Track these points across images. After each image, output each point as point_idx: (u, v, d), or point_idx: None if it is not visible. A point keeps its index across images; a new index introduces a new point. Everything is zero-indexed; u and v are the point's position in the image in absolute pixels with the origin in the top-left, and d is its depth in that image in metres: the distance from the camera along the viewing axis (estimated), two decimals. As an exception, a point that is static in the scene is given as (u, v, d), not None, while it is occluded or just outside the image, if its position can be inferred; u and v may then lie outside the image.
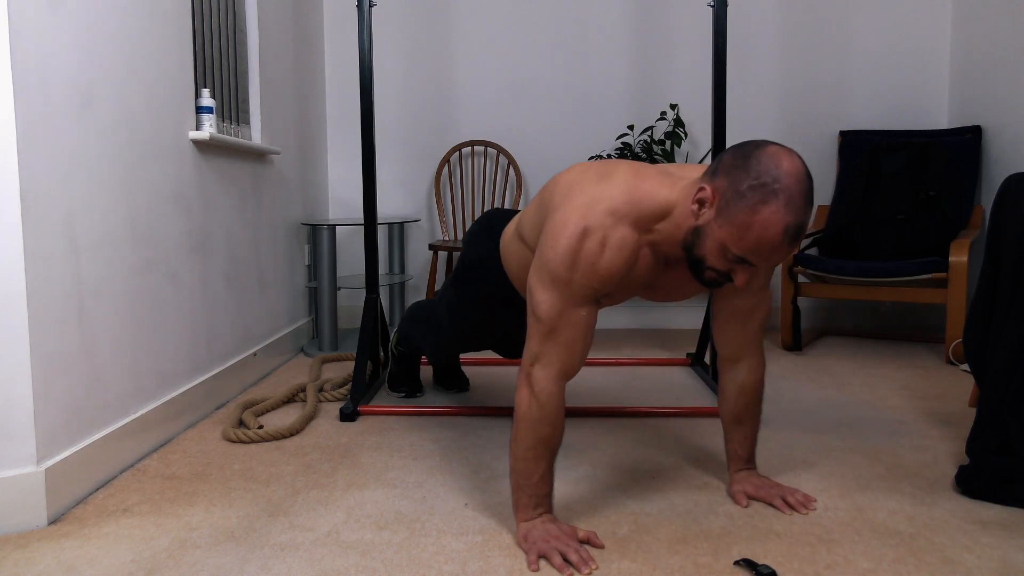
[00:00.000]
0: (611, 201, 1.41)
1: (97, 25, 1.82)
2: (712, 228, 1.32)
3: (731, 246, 1.30)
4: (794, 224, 1.26)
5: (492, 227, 1.92)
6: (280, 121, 3.18)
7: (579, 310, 1.44)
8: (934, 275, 3.04)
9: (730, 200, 1.29)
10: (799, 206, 1.26)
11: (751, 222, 1.26)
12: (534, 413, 1.46)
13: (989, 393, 1.74)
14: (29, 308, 1.57)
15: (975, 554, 1.45)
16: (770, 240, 1.26)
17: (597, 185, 1.44)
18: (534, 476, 1.49)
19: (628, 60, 3.84)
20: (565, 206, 1.44)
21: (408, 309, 2.46)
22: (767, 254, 1.29)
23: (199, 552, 1.48)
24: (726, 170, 1.31)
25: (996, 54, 3.34)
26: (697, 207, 1.34)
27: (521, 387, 1.49)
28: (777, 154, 1.28)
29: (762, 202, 1.25)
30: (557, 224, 1.42)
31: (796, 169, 1.27)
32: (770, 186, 1.25)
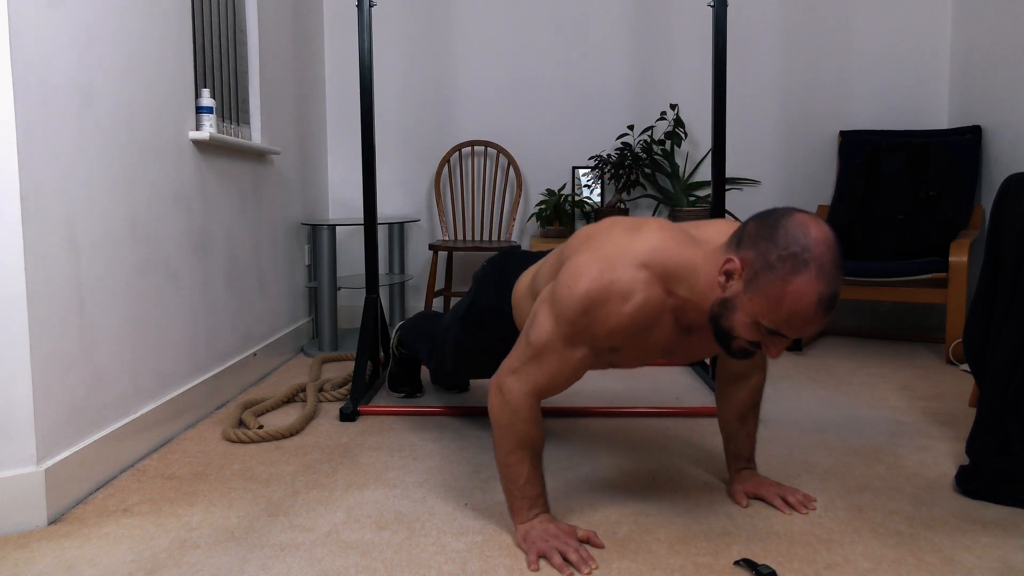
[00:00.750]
0: (641, 254, 1.36)
1: (97, 25, 1.82)
2: (742, 300, 1.27)
3: (763, 319, 1.26)
4: (828, 294, 1.22)
5: (506, 272, 1.84)
6: (280, 121, 3.18)
7: (574, 351, 1.42)
8: (934, 275, 3.04)
9: (759, 271, 1.24)
10: (832, 275, 1.22)
11: (783, 294, 1.22)
12: (506, 418, 1.47)
13: (989, 393, 1.74)
14: (29, 308, 1.57)
15: (975, 554, 1.45)
16: (804, 311, 1.22)
17: (626, 236, 1.40)
18: (520, 479, 1.49)
19: (628, 60, 3.84)
20: (589, 251, 1.39)
21: (414, 318, 2.42)
22: (801, 325, 1.24)
23: (199, 552, 1.48)
24: (752, 240, 1.27)
25: (996, 54, 3.34)
26: (724, 279, 1.30)
27: (492, 394, 1.50)
28: (805, 222, 1.24)
29: (793, 272, 1.21)
30: (580, 266, 1.37)
31: (825, 236, 1.23)
32: (800, 256, 1.21)
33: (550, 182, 3.90)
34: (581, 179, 3.82)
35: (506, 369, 1.49)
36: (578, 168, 3.83)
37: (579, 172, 3.83)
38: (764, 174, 3.86)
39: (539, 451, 1.50)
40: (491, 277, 1.87)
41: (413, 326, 2.38)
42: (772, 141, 3.84)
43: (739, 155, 3.86)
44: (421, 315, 2.40)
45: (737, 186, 3.87)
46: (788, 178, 3.85)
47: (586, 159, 3.88)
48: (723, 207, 2.61)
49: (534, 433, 1.48)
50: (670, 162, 3.69)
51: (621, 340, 1.39)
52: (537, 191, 3.91)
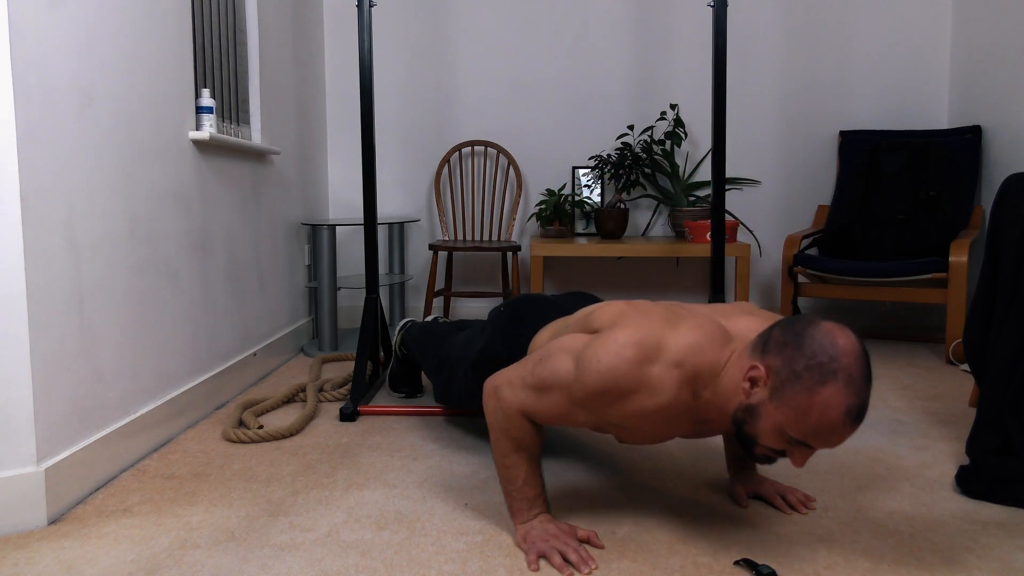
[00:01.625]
0: (677, 352, 1.33)
1: (97, 25, 1.82)
2: (767, 409, 1.25)
3: (789, 429, 1.23)
4: (856, 405, 1.19)
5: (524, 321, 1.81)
6: (280, 121, 3.18)
7: (578, 411, 1.41)
8: (934, 275, 3.04)
9: (786, 381, 1.22)
10: (860, 386, 1.19)
11: (810, 404, 1.19)
12: (501, 422, 1.48)
13: (989, 393, 1.74)
14: (29, 308, 1.57)
15: (975, 554, 1.45)
16: (831, 423, 1.19)
17: (664, 328, 1.37)
18: (517, 481, 1.50)
19: (628, 60, 3.84)
20: (627, 329, 1.35)
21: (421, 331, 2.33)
22: (828, 436, 1.21)
23: (199, 552, 1.48)
24: (778, 347, 1.25)
25: (996, 54, 3.34)
26: (749, 385, 1.28)
27: (488, 395, 1.51)
28: (832, 331, 1.23)
29: (821, 383, 1.19)
30: (616, 342, 1.34)
31: (853, 347, 1.21)
32: (828, 366, 1.19)
33: (550, 182, 3.90)
34: (581, 179, 3.82)
35: (504, 380, 1.49)
36: (578, 168, 3.83)
37: (579, 172, 3.83)
38: (764, 174, 3.86)
39: (536, 453, 1.50)
40: (506, 325, 1.84)
41: (419, 339, 2.30)
42: (772, 141, 3.84)
43: (739, 155, 3.86)
44: (427, 327, 2.33)
45: (737, 186, 3.87)
46: (788, 178, 3.85)
47: (586, 159, 3.88)
48: (723, 207, 2.61)
49: (530, 437, 1.48)
50: (670, 162, 3.69)
51: (631, 424, 1.38)
52: (537, 191, 3.91)
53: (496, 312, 1.91)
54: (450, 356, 2.03)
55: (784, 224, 3.88)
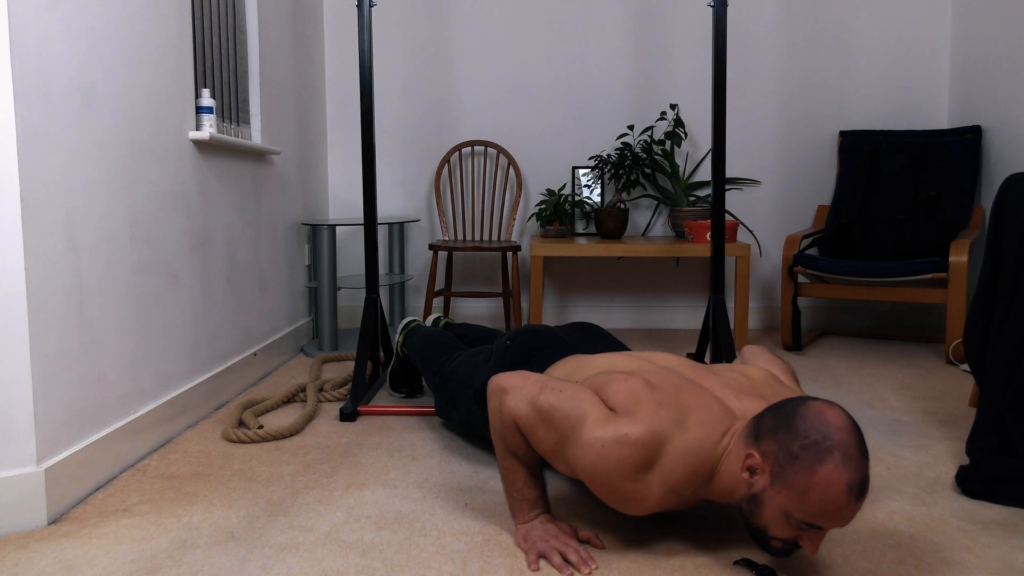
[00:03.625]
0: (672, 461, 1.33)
1: (97, 25, 1.82)
2: (770, 495, 1.25)
3: (795, 512, 1.23)
4: (856, 479, 1.19)
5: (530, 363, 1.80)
6: (280, 121, 3.18)
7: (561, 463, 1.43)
8: (934, 275, 3.04)
9: (784, 464, 1.22)
10: (856, 460, 1.19)
11: (811, 483, 1.19)
12: (499, 427, 1.50)
13: (989, 393, 1.74)
14: (29, 308, 1.57)
15: (975, 554, 1.45)
16: (834, 500, 1.19)
17: (673, 428, 1.35)
18: (517, 482, 1.50)
19: (628, 60, 3.84)
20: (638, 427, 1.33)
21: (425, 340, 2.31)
22: (833, 515, 1.20)
23: (199, 552, 1.48)
24: (771, 432, 1.26)
25: (996, 54, 3.34)
26: (748, 475, 1.28)
27: (492, 395, 1.51)
28: (820, 409, 1.23)
29: (818, 461, 1.19)
30: (626, 440, 1.33)
31: (844, 422, 1.22)
32: (822, 444, 1.19)
33: (550, 182, 3.90)
34: (581, 179, 3.82)
35: (513, 386, 1.49)
36: (578, 168, 3.83)
37: (579, 172, 3.83)
38: (764, 174, 3.86)
39: (535, 460, 1.51)
40: (513, 356, 1.84)
41: (421, 353, 2.28)
42: (772, 141, 3.84)
43: (739, 155, 3.86)
44: (430, 340, 2.30)
45: (737, 186, 3.87)
46: (788, 178, 3.85)
47: (586, 159, 3.88)
48: (723, 207, 2.61)
49: (524, 449, 1.49)
50: (670, 162, 3.69)
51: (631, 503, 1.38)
52: (537, 191, 3.91)
53: (502, 346, 1.90)
54: (453, 378, 2.03)
55: (784, 224, 3.88)
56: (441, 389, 2.09)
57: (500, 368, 1.85)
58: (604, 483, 1.35)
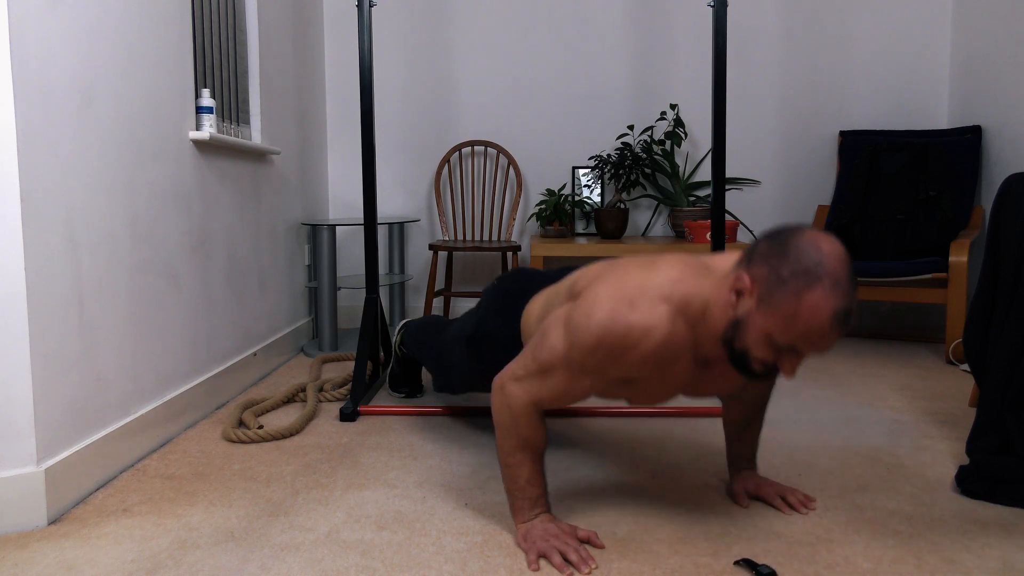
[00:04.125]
0: (661, 288, 1.34)
1: (97, 25, 1.82)
2: (754, 318, 1.26)
3: (778, 335, 1.24)
4: (843, 308, 1.21)
5: (515, 296, 1.81)
6: (280, 121, 3.18)
7: (582, 379, 1.41)
8: (934, 275, 3.04)
9: (772, 287, 1.23)
10: (845, 288, 1.21)
11: (798, 308, 1.21)
12: (507, 420, 1.47)
13: (989, 393, 1.74)
14: (29, 308, 1.57)
15: (975, 554, 1.45)
16: (819, 326, 1.21)
17: (643, 271, 1.38)
18: (520, 480, 1.49)
19: (628, 60, 3.84)
20: (608, 283, 1.37)
21: (418, 326, 2.35)
22: (816, 340, 1.23)
23: (199, 552, 1.48)
24: (763, 257, 1.26)
25: (996, 54, 3.34)
26: (735, 297, 1.29)
27: (495, 393, 1.50)
28: (815, 238, 1.24)
29: (807, 287, 1.20)
30: (599, 296, 1.35)
31: (837, 251, 1.23)
32: (814, 271, 1.20)
33: (550, 182, 3.90)
34: (581, 179, 3.82)
35: (509, 374, 1.48)
36: (578, 168, 3.83)
37: (579, 172, 3.83)
38: (764, 174, 3.86)
39: (541, 453, 1.50)
40: (498, 299, 1.83)
41: (417, 336, 2.31)
42: (772, 141, 3.84)
43: (739, 155, 3.86)
44: (425, 323, 2.34)
45: (737, 186, 3.87)
46: (788, 178, 3.85)
47: (586, 159, 3.88)
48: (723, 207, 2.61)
49: (536, 436, 1.48)
50: (670, 162, 3.69)
51: (637, 374, 1.37)
52: (537, 191, 3.91)
53: (489, 288, 1.92)
54: (447, 343, 2.03)
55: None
56: (438, 361, 2.09)
57: (489, 309, 1.84)
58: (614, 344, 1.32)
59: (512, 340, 1.77)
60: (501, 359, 1.79)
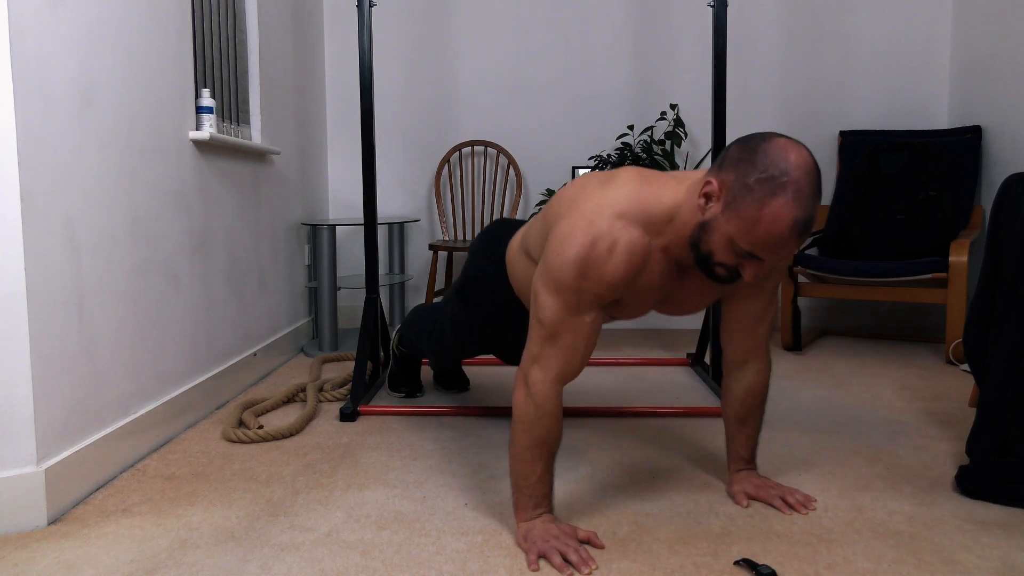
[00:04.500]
0: (617, 205, 1.39)
1: (97, 25, 1.82)
2: (719, 222, 1.30)
3: (739, 240, 1.28)
4: (803, 218, 1.24)
5: (498, 240, 1.89)
6: (280, 121, 3.18)
7: (583, 316, 1.43)
8: (934, 275, 3.04)
9: (737, 194, 1.27)
10: (807, 198, 1.24)
11: (759, 216, 1.25)
12: (531, 414, 1.46)
13: (989, 393, 1.74)
14: (29, 308, 1.57)
15: (975, 554, 1.45)
16: (779, 234, 1.25)
17: (601, 190, 1.43)
18: (532, 476, 1.49)
19: (628, 60, 3.84)
20: (571, 214, 1.42)
21: (410, 313, 2.44)
22: (775, 248, 1.27)
23: (199, 552, 1.48)
24: (732, 163, 1.29)
25: (996, 54, 3.34)
26: (704, 201, 1.33)
27: (519, 387, 1.49)
28: (785, 146, 1.26)
29: (770, 195, 1.24)
30: (563, 231, 1.41)
31: (804, 161, 1.25)
32: (778, 179, 1.23)
33: (550, 182, 3.90)
34: (581, 179, 3.82)
35: (527, 360, 1.48)
36: (578, 168, 3.83)
37: (579, 172, 3.83)
38: (764, 174, 3.85)
39: (554, 451, 1.50)
40: (484, 245, 1.91)
41: (411, 322, 2.38)
42: (772, 141, 3.83)
43: (739, 155, 3.86)
44: (419, 308, 2.41)
45: (737, 186, 3.87)
46: (788, 178, 3.85)
47: (586, 159, 3.88)
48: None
49: (555, 431, 1.48)
50: (670, 162, 3.69)
51: (621, 290, 1.42)
52: (537, 191, 3.91)
53: (474, 242, 1.98)
54: (438, 312, 2.11)
55: (784, 224, 3.88)
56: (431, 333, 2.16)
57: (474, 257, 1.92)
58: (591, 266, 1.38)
59: (499, 281, 1.83)
60: (489, 302, 1.86)
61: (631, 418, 2.34)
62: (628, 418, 2.34)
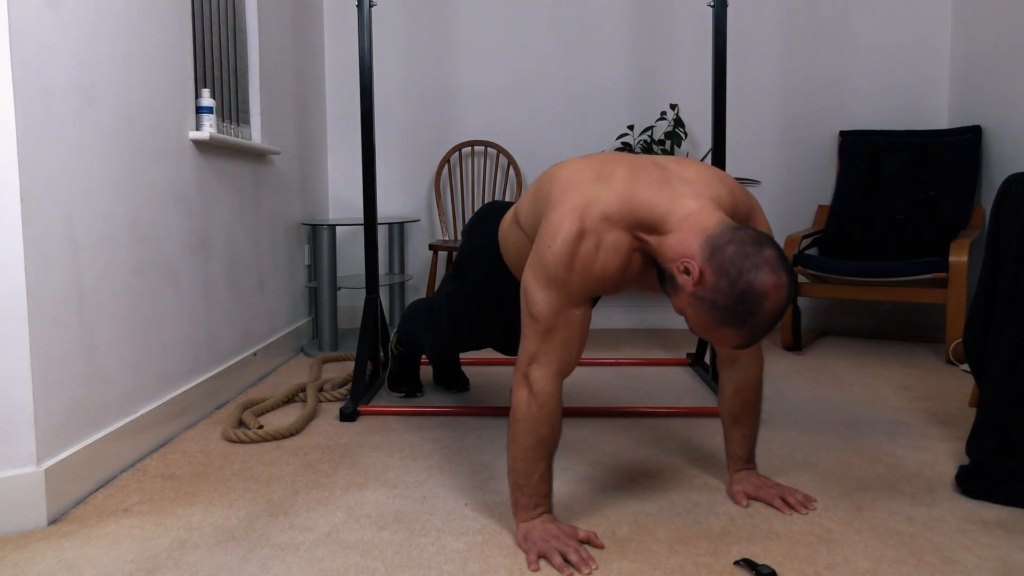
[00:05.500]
0: (607, 205, 1.42)
1: (97, 25, 1.82)
2: (683, 296, 1.36)
3: (690, 323, 1.39)
4: (747, 343, 1.35)
5: (491, 217, 1.92)
6: (280, 121, 3.18)
7: (575, 309, 1.45)
8: (934, 275, 3.04)
9: (705, 298, 1.32)
10: (759, 332, 1.33)
11: (713, 328, 1.34)
12: (533, 413, 1.46)
13: (989, 393, 1.74)
14: (29, 308, 1.57)
15: (975, 554, 1.45)
16: (723, 343, 1.36)
17: (594, 186, 1.44)
18: (533, 476, 1.49)
19: (628, 60, 3.84)
20: (561, 205, 1.44)
21: (407, 307, 2.45)
22: (715, 343, 1.39)
23: (199, 552, 1.48)
24: (720, 270, 1.30)
25: (996, 54, 3.34)
26: (679, 270, 1.37)
27: (519, 387, 1.49)
28: (768, 291, 1.28)
29: (732, 322, 1.31)
30: (553, 223, 1.43)
31: (777, 308, 1.30)
32: (744, 316, 1.30)
33: (550, 182, 3.90)
34: (581, 179, 3.82)
35: (525, 359, 1.48)
36: (578, 168, 3.83)
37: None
38: (764, 174, 3.86)
39: (554, 450, 1.50)
40: (476, 225, 1.94)
41: (409, 315, 2.40)
42: (772, 141, 3.84)
43: (739, 155, 3.86)
44: (415, 301, 2.43)
45: (737, 186, 3.87)
46: (788, 178, 3.85)
47: (586, 159, 3.88)
48: (723, 207, 2.61)
49: (557, 428, 1.48)
50: (670, 162, 3.68)
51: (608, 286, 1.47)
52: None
53: (467, 224, 2.01)
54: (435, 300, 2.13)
55: (784, 224, 3.88)
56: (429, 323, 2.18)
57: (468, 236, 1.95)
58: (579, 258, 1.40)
59: (492, 252, 1.86)
60: (484, 273, 1.89)
61: (631, 418, 2.34)
62: (628, 418, 2.34)
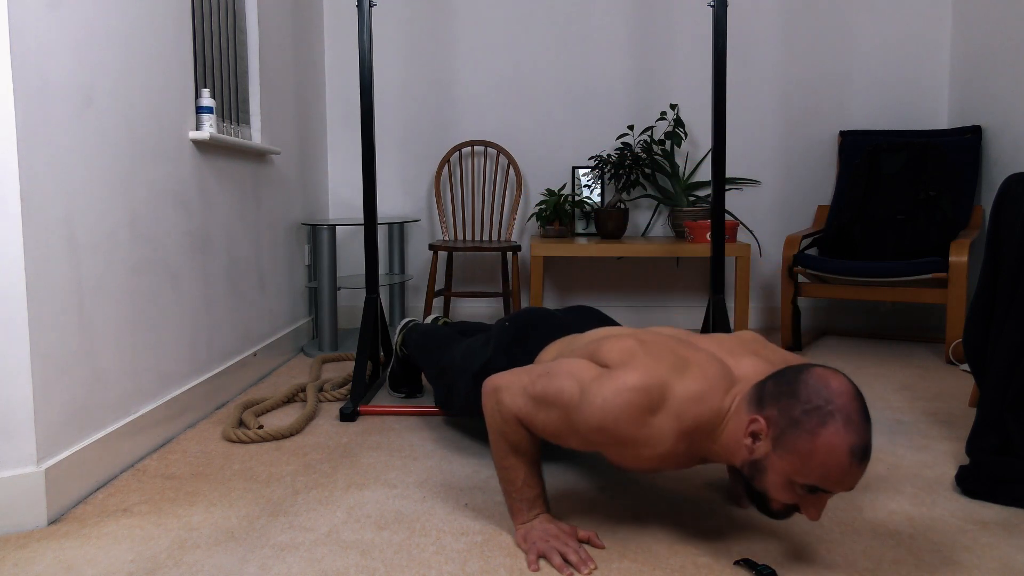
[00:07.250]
0: (680, 404, 1.33)
1: (97, 25, 1.82)
2: (772, 460, 1.25)
3: (797, 476, 1.23)
4: (859, 444, 1.20)
5: (527, 341, 1.81)
6: (280, 121, 3.18)
7: (572, 437, 1.41)
8: (934, 275, 3.04)
9: (785, 428, 1.23)
10: (859, 424, 1.20)
11: (813, 448, 1.20)
12: (498, 423, 1.49)
13: (989, 393, 1.74)
14: (29, 308, 1.57)
15: (975, 554, 1.45)
16: (838, 464, 1.20)
17: (671, 375, 1.36)
18: (517, 481, 1.50)
19: (628, 60, 3.84)
20: (635, 373, 1.35)
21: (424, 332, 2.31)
22: (838, 479, 1.21)
23: (199, 552, 1.48)
24: (773, 398, 1.26)
25: (996, 54, 3.34)
26: (751, 440, 1.29)
27: (487, 395, 1.50)
28: (823, 375, 1.23)
29: (820, 425, 1.20)
30: (624, 384, 1.34)
31: (846, 388, 1.22)
32: (824, 408, 1.20)
33: (550, 182, 3.90)
34: (581, 179, 3.82)
35: (506, 382, 1.49)
36: (578, 168, 3.83)
37: (579, 172, 3.83)
38: (764, 174, 3.86)
39: (535, 456, 1.51)
40: (511, 342, 1.84)
41: (420, 343, 2.28)
42: (772, 141, 3.84)
43: (739, 155, 3.86)
44: (430, 331, 2.31)
45: (737, 186, 3.87)
46: (788, 178, 3.85)
47: (586, 159, 3.88)
48: (723, 207, 2.61)
49: (527, 442, 1.49)
50: (670, 162, 3.69)
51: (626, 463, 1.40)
52: (537, 191, 3.91)
53: (500, 326, 1.90)
54: (452, 366, 2.02)
55: (784, 224, 3.88)
56: (439, 378, 2.08)
57: (499, 348, 1.85)
58: (615, 436, 1.34)
59: None
60: None
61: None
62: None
